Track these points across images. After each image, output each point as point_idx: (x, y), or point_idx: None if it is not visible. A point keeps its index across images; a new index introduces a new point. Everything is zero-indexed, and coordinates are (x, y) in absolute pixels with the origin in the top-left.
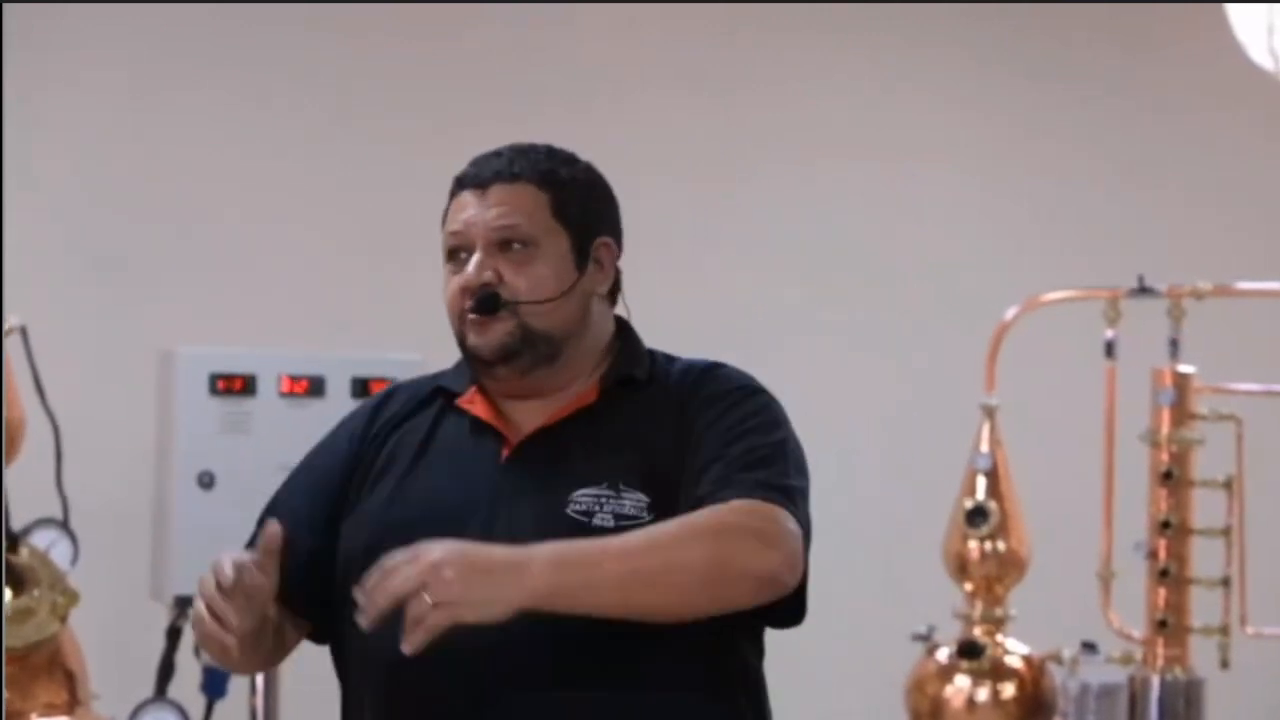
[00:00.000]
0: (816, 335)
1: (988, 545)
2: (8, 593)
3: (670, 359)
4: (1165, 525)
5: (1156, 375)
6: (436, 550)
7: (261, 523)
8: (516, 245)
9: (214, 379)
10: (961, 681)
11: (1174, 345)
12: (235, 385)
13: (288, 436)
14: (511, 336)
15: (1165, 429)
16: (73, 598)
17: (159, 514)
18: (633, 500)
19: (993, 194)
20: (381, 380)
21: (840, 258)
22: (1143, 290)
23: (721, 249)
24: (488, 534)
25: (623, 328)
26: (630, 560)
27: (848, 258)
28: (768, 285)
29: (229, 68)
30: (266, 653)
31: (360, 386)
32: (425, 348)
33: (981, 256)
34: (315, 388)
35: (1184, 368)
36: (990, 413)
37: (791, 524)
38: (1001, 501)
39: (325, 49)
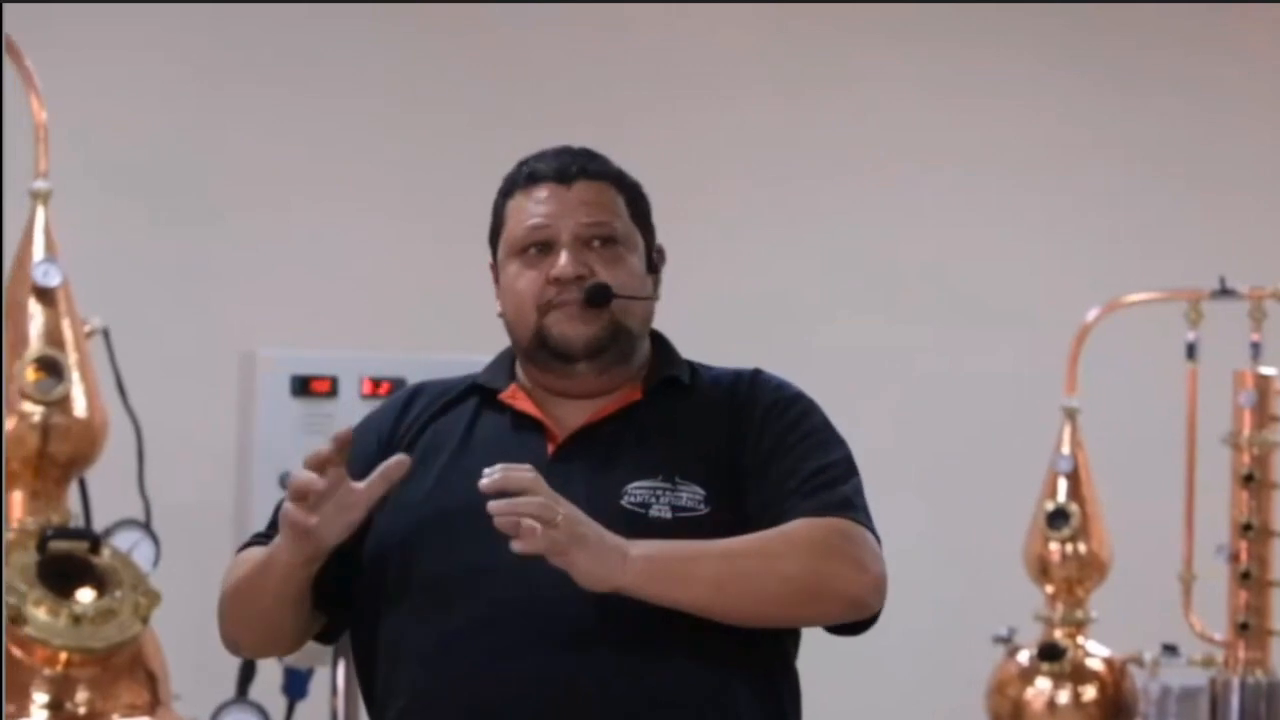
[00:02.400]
0: (895, 339)
1: (1069, 547)
2: (90, 594)
3: (707, 367)
4: (1247, 528)
5: (1238, 377)
6: (565, 506)
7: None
8: (600, 243)
9: (295, 381)
10: (1042, 684)
11: (1255, 347)
12: (317, 387)
13: None
14: (605, 331)
15: (1246, 431)
16: (154, 599)
17: (240, 515)
18: (689, 493)
19: (1071, 197)
20: None
21: (918, 260)
22: (1224, 292)
23: (790, 251)
24: None
25: (655, 333)
26: (728, 562)
27: (924, 261)
28: (840, 287)
29: (311, 67)
30: (299, 628)
31: None
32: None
33: (1061, 259)
34: (397, 390)
35: (1265, 369)
36: (1071, 415)
37: (878, 549)
38: (1082, 504)
39: (408, 47)
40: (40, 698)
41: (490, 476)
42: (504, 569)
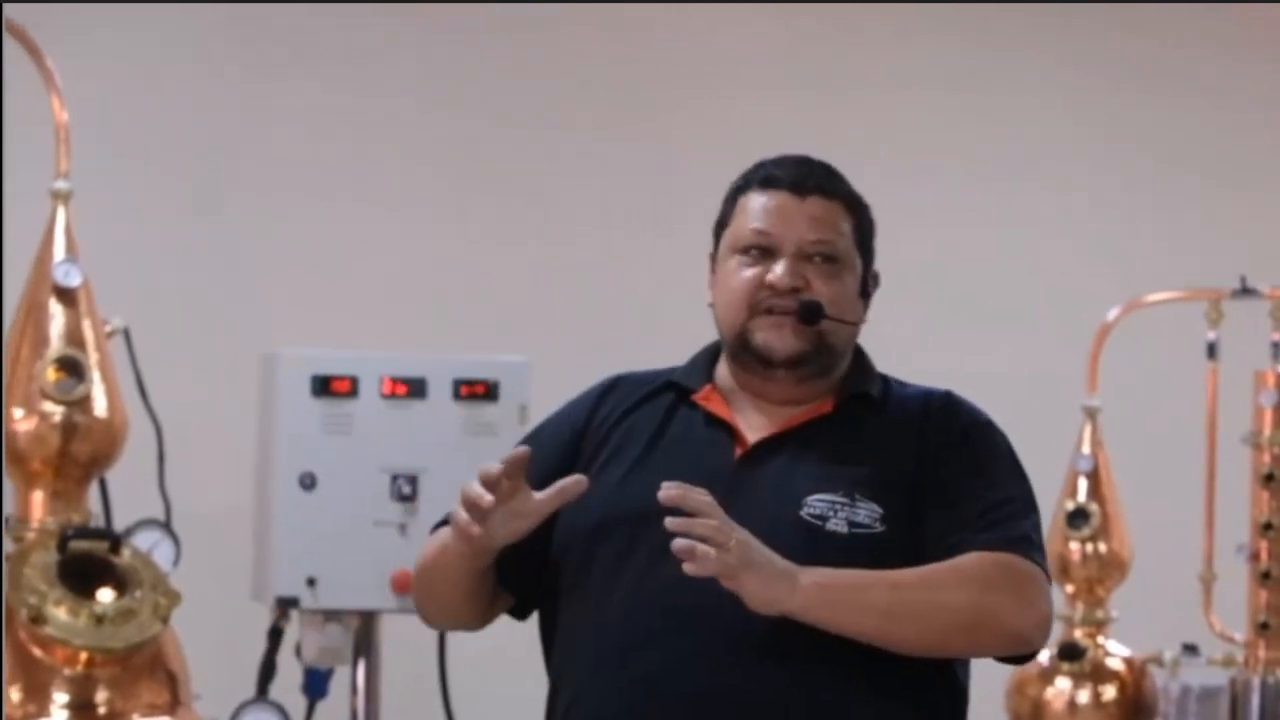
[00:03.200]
0: (916, 339)
1: (1089, 547)
2: (111, 594)
3: (901, 383)
4: (1267, 527)
5: (1258, 377)
6: (740, 532)
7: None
8: (821, 259)
9: (316, 381)
10: (1062, 684)
11: (1276, 346)
12: (337, 387)
13: (389, 438)
14: (809, 344)
15: (1267, 431)
16: (175, 598)
17: (261, 515)
18: (867, 510)
19: (1092, 196)
20: (483, 382)
21: (938, 261)
22: (1245, 291)
23: None
24: None
25: (857, 347)
26: (896, 593)
27: (947, 261)
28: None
29: (334, 67)
30: (478, 608)
31: (462, 388)
32: (529, 349)
33: (1082, 258)
34: (416, 390)
35: None
36: (1092, 414)
37: (1048, 588)
38: (1103, 503)
39: (431, 49)
40: (61, 698)
41: (668, 491)
42: (676, 576)
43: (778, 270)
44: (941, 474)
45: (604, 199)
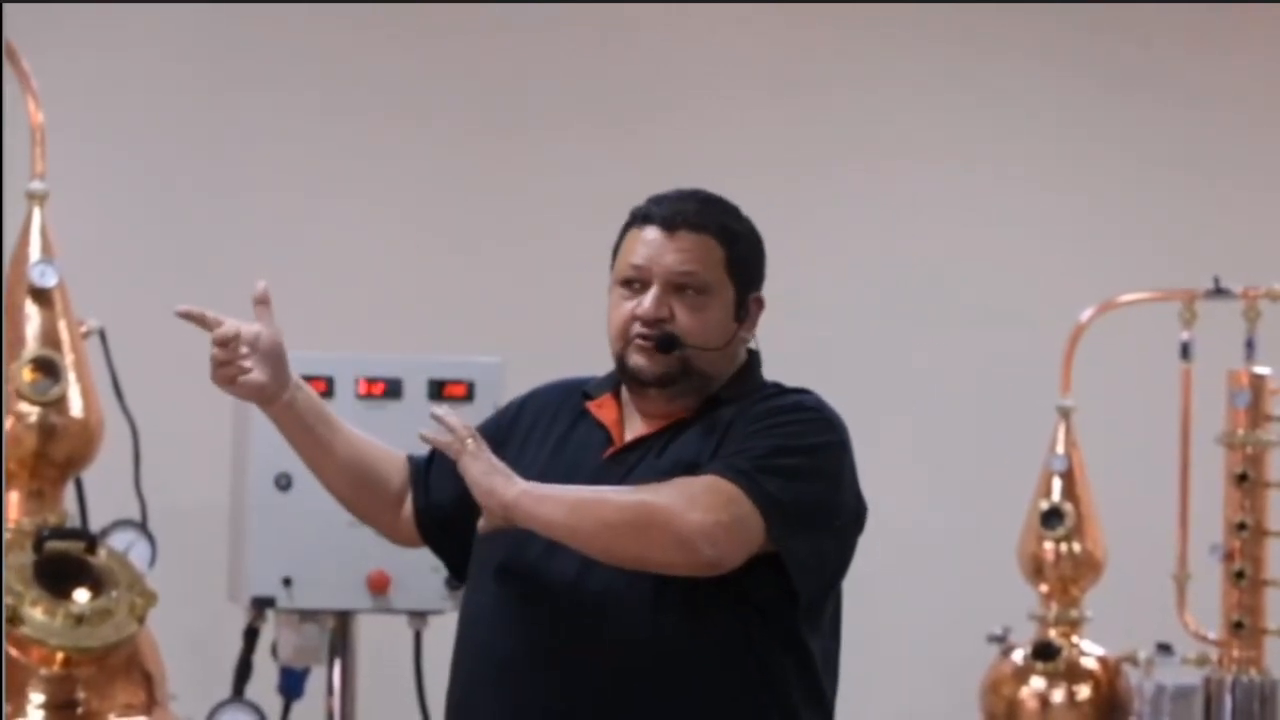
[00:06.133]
0: (890, 338)
1: (1063, 547)
2: (87, 594)
3: (782, 392)
4: (1240, 527)
5: (1232, 377)
6: (484, 446)
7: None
8: (691, 290)
9: None
10: (1037, 683)
11: (1249, 346)
12: (312, 387)
13: None
14: (674, 368)
15: (1240, 431)
16: (150, 599)
17: (236, 515)
18: None
19: (1066, 197)
20: (459, 383)
21: (914, 260)
22: (1218, 291)
23: (792, 251)
24: None
25: (750, 358)
26: (584, 493)
27: (922, 260)
28: (837, 287)
29: (314, 71)
30: (367, 493)
31: (437, 389)
32: (503, 350)
33: (1056, 259)
34: (392, 390)
35: (1260, 369)
36: (1066, 414)
37: (738, 502)
38: (1077, 503)
39: (403, 53)
40: (37, 698)
41: (435, 410)
42: (526, 563)
43: (645, 303)
44: (724, 443)
45: (579, 199)
